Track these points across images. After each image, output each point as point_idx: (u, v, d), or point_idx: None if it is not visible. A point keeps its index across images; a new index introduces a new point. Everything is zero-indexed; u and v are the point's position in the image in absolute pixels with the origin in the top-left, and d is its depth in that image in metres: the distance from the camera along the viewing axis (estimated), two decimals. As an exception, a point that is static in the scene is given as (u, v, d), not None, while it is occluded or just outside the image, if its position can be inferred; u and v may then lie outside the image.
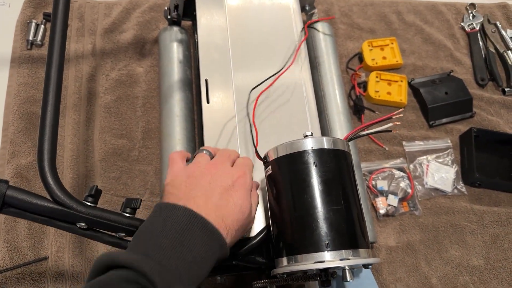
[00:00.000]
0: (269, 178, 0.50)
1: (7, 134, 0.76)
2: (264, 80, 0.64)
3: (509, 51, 0.94)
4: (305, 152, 0.47)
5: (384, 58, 0.89)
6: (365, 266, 0.46)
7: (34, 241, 0.69)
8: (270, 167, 0.50)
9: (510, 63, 0.92)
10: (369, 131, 0.61)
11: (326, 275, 0.44)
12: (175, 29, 0.81)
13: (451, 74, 0.90)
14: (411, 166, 0.81)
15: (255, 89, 0.64)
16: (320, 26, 0.83)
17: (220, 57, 0.68)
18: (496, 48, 0.94)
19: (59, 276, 0.68)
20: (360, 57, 0.90)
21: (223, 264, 0.56)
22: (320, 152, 0.47)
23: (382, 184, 0.78)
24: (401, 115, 0.61)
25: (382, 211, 0.75)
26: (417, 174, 0.80)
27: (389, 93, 0.85)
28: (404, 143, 0.82)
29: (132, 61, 0.85)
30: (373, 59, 0.88)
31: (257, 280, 0.58)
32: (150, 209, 0.73)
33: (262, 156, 0.52)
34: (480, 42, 0.95)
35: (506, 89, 0.90)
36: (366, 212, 0.69)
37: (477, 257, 0.75)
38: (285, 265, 0.45)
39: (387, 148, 0.82)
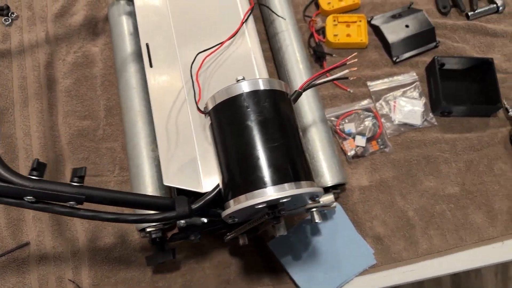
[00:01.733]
0: (211, 128, 0.50)
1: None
2: (212, 46, 0.62)
3: (471, -26, 0.90)
4: (240, 96, 0.47)
5: (340, 0, 0.86)
6: (312, 198, 0.46)
7: (14, 229, 0.71)
8: (209, 117, 0.50)
9: (472, -14, 0.88)
10: (324, 79, 0.60)
11: (274, 212, 0.45)
12: (122, 2, 0.80)
13: (412, 6, 0.87)
14: (378, 105, 0.80)
15: (202, 53, 0.63)
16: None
17: (160, 20, 0.67)
18: (457, -28, 0.91)
19: (42, 259, 0.70)
20: (316, 3, 0.88)
21: (189, 222, 0.57)
22: (254, 94, 0.47)
23: (349, 127, 0.77)
24: (355, 59, 0.60)
25: (350, 153, 0.75)
26: (384, 112, 0.79)
27: (348, 35, 0.83)
28: (368, 83, 0.81)
29: (86, 42, 0.85)
30: (329, 3, 0.86)
31: (227, 233, 0.59)
32: (122, 184, 0.74)
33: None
34: (440, -31, 0.91)
35: (469, 14, 0.87)
36: (332, 155, 0.69)
37: (452, 184, 0.74)
38: (231, 207, 0.45)
39: (351, 91, 0.80)
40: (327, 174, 0.68)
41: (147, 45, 0.63)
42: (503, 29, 0.86)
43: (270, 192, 0.42)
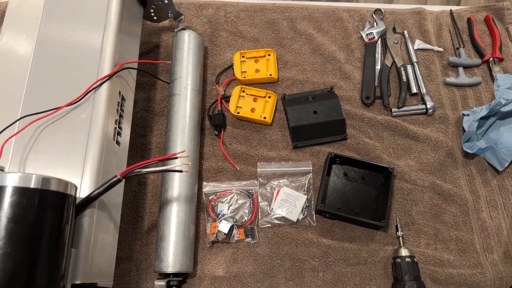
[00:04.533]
0: None
1: None
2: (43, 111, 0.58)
3: (409, 66, 0.83)
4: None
5: (257, 71, 0.82)
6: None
7: None
8: None
9: (404, 80, 0.81)
10: (152, 169, 0.57)
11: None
12: None
13: (332, 90, 0.81)
14: (262, 189, 0.75)
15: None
16: (186, 35, 0.79)
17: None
18: (394, 62, 0.83)
19: None
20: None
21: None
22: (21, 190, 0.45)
23: (222, 208, 0.73)
24: (186, 155, 0.57)
25: (210, 238, 0.70)
26: (265, 198, 0.74)
27: (253, 109, 0.79)
28: (259, 164, 0.76)
29: None
30: (244, 72, 0.82)
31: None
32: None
33: None
34: (378, 55, 0.85)
35: (393, 110, 0.79)
36: (183, 239, 0.66)
37: (311, 297, 0.68)
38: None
39: (238, 168, 0.76)
40: (171, 259, 0.65)
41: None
42: (426, 134, 0.78)
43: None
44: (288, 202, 0.73)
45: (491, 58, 0.85)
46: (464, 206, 0.73)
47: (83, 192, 0.55)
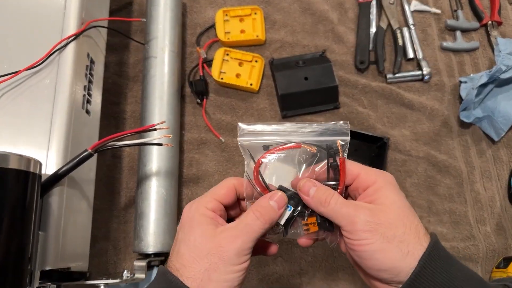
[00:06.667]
0: None
1: None
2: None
3: (405, 29, 0.77)
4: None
5: (242, 31, 0.75)
6: None
7: None
8: None
9: (400, 44, 0.76)
10: (129, 142, 0.51)
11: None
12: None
13: (324, 54, 0.75)
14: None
15: None
16: (162, -10, 0.70)
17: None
18: (390, 24, 0.78)
19: None
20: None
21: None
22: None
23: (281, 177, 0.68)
24: (166, 127, 0.51)
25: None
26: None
27: (238, 75, 0.72)
28: (245, 135, 0.71)
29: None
30: (228, 33, 0.74)
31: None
32: None
33: None
34: (373, 16, 0.78)
35: (388, 76, 0.75)
36: (164, 216, 0.61)
37: (302, 274, 0.65)
38: None
39: (223, 140, 0.70)
40: (151, 238, 0.59)
41: None
42: (422, 102, 0.74)
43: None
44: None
45: (490, 22, 0.80)
46: (458, 178, 0.71)
47: (49, 169, 0.48)
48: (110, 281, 0.53)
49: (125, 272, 0.55)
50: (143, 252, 0.60)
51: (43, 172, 0.47)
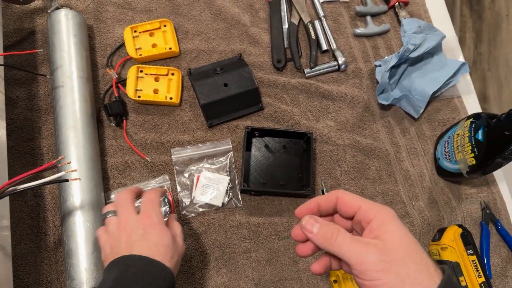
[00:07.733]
0: None
1: None
2: None
3: (317, 21, 0.78)
4: None
5: (154, 46, 0.73)
6: None
7: None
8: None
9: (313, 37, 0.77)
10: (32, 184, 0.48)
11: None
12: None
13: (241, 58, 0.75)
14: (181, 178, 0.68)
15: None
16: (62, 15, 0.67)
17: None
18: (301, 19, 0.78)
19: None
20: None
21: None
22: None
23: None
24: (69, 162, 0.48)
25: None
26: (184, 187, 0.68)
27: (156, 90, 0.71)
28: (173, 150, 0.69)
29: None
30: (139, 49, 0.72)
31: None
32: None
33: None
34: (284, 13, 0.79)
35: (305, 71, 0.75)
36: (97, 248, 0.58)
37: (247, 281, 0.65)
38: None
39: (149, 160, 0.69)
40: (83, 276, 0.56)
41: None
42: (341, 92, 0.75)
43: None
44: (211, 187, 0.67)
45: (397, 3, 0.83)
46: (386, 159, 0.73)
47: None
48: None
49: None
50: (77, 291, 0.57)
51: None
